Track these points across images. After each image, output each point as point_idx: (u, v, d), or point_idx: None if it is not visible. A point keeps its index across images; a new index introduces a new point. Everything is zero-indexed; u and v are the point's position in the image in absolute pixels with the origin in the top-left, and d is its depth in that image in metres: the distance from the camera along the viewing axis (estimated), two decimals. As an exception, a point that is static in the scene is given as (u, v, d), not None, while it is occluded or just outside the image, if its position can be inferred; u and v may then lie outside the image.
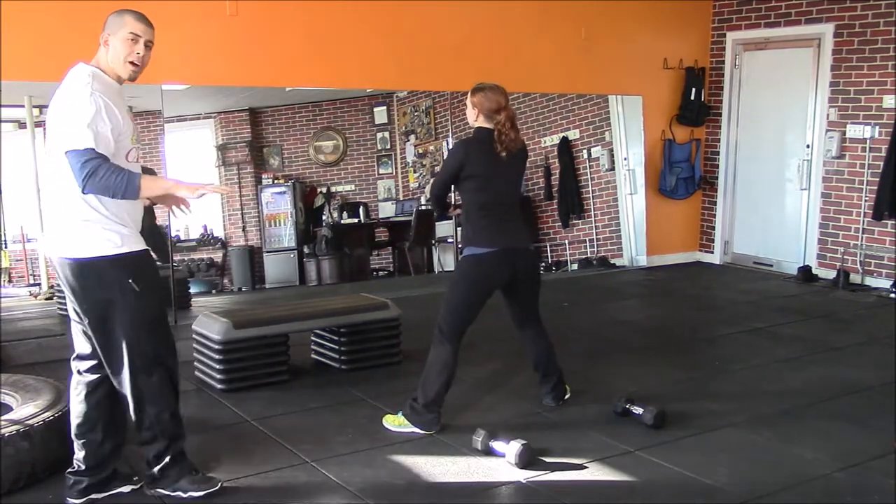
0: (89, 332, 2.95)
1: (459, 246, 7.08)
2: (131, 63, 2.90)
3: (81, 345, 3.06)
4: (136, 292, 2.87)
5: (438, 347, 3.70)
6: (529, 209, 9.59)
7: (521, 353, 4.11)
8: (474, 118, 3.76)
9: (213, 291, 10.20)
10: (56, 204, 2.91)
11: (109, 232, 2.86)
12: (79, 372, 3.07)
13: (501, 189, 3.77)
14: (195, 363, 4.54)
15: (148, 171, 3.14)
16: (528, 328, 3.98)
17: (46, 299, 7.55)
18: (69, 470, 3.04)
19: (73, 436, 3.04)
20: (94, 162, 2.71)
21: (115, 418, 3.06)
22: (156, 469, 3.05)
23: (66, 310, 6.93)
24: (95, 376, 3.03)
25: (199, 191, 2.86)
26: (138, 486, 3.13)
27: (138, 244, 2.94)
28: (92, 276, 2.86)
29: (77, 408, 3.03)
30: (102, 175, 2.71)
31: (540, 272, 4.09)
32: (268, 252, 11.32)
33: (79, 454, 3.03)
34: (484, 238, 3.72)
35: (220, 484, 3.11)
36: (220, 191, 2.98)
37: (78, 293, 2.90)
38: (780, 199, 7.75)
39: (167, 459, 3.04)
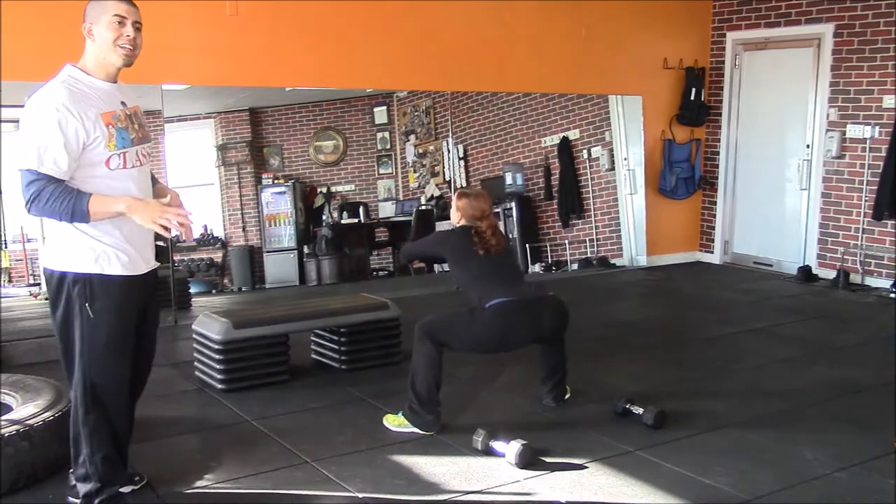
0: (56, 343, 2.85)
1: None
2: (122, 47, 2.71)
3: None
4: (89, 317, 2.71)
5: (420, 345, 3.67)
6: (529, 209, 9.60)
7: (522, 353, 4.10)
8: (457, 220, 3.94)
9: (213, 291, 10.20)
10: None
11: (88, 250, 2.71)
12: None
13: (498, 263, 3.84)
14: (195, 363, 4.54)
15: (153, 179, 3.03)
16: (550, 346, 4.02)
17: (46, 299, 7.55)
18: (70, 470, 3.01)
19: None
20: (36, 185, 2.57)
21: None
22: None
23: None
24: None
25: (159, 220, 2.63)
26: (139, 486, 3.11)
27: (117, 267, 2.74)
28: (56, 289, 2.76)
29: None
30: (46, 199, 2.57)
31: (568, 317, 3.98)
32: (268, 252, 11.32)
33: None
34: (501, 291, 3.71)
35: None
36: (184, 225, 2.67)
37: (51, 302, 2.82)
38: (780, 199, 7.75)
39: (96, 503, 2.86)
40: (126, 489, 3.05)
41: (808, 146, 7.38)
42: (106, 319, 2.73)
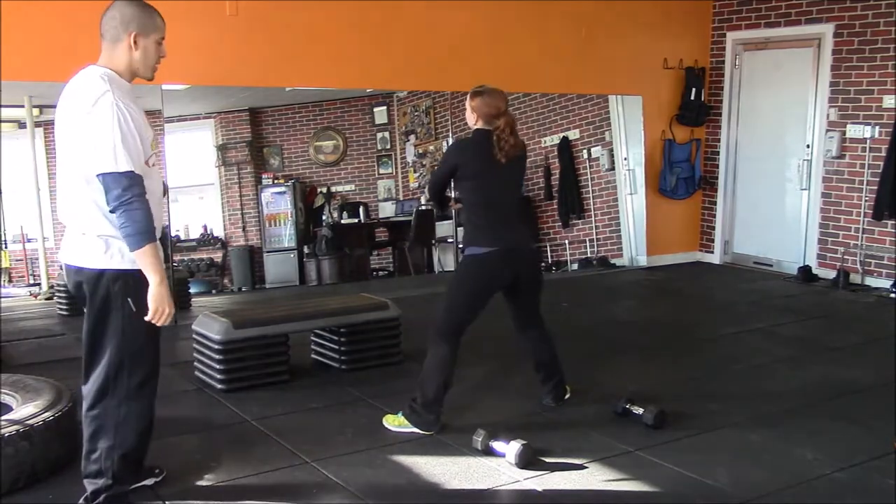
0: (83, 338, 2.86)
1: (460, 246, 7.07)
2: (155, 66, 2.83)
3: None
4: (132, 311, 2.75)
5: (436, 347, 3.69)
6: (529, 209, 9.59)
7: (522, 353, 4.10)
8: (473, 122, 3.75)
9: (213, 291, 10.20)
10: (73, 212, 2.80)
11: (123, 245, 2.73)
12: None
13: (501, 190, 3.76)
14: (195, 363, 4.54)
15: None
16: (529, 330, 3.97)
17: (46, 299, 7.55)
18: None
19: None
20: (134, 190, 2.62)
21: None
22: None
23: (66, 310, 6.96)
24: None
25: (159, 311, 2.71)
26: (160, 477, 3.15)
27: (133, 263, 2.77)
28: (93, 286, 2.77)
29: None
30: (136, 209, 2.62)
31: (542, 273, 4.07)
32: (268, 252, 11.32)
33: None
34: (485, 238, 3.71)
35: None
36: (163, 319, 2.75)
37: (85, 301, 2.83)
38: (780, 199, 7.75)
39: (101, 500, 2.83)
40: (149, 481, 3.10)
41: (808, 146, 7.38)
42: (146, 313, 2.75)
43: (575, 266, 8.95)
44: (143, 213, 2.64)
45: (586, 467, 3.31)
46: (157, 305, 2.71)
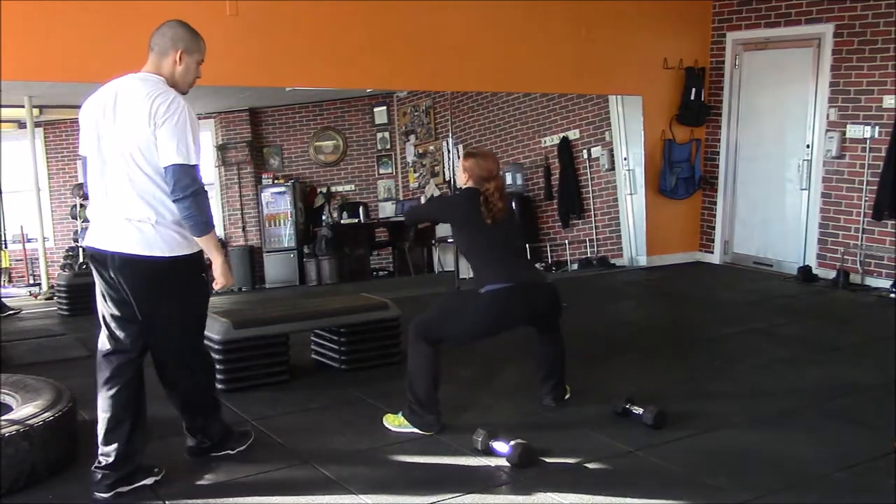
0: (141, 328, 3.08)
1: (461, 281, 7.06)
2: (192, 84, 3.19)
3: (116, 340, 3.07)
4: (198, 291, 3.19)
5: (417, 346, 3.65)
6: (529, 209, 9.60)
7: (522, 352, 4.10)
8: (464, 181, 3.86)
9: (213, 291, 10.18)
10: (118, 201, 3.00)
11: (179, 236, 3.03)
12: (111, 367, 3.05)
13: (501, 233, 3.78)
14: (195, 363, 4.53)
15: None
16: (545, 333, 3.98)
17: (46, 299, 7.56)
18: (95, 465, 3.04)
19: (101, 431, 3.03)
20: (201, 182, 2.99)
21: (143, 413, 3.11)
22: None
23: (66, 310, 6.96)
24: (129, 372, 3.06)
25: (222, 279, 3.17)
26: (160, 476, 3.17)
27: (192, 247, 3.09)
28: (151, 273, 3.00)
29: (106, 403, 3.04)
30: (203, 199, 2.98)
31: (560, 307, 3.97)
32: (268, 252, 11.33)
33: (106, 448, 3.03)
34: (496, 274, 3.68)
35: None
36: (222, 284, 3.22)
37: (133, 289, 3.01)
38: (780, 199, 7.75)
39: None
40: (149, 481, 3.13)
41: (808, 146, 7.38)
42: (206, 291, 3.25)
43: (575, 266, 8.95)
44: (208, 203, 3.03)
45: (586, 467, 3.31)
46: (223, 278, 3.15)
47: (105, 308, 3.10)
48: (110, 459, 3.02)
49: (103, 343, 3.10)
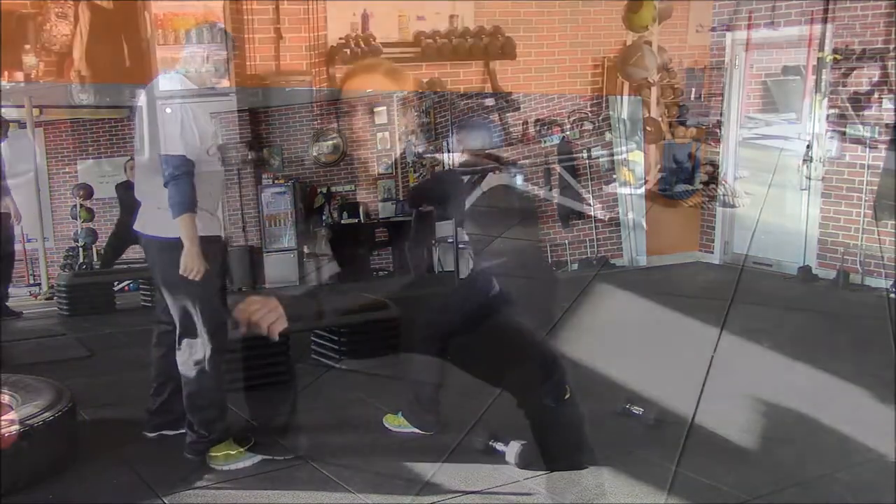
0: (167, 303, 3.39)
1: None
2: None
3: (163, 310, 3.48)
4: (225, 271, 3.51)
5: (419, 347, 3.67)
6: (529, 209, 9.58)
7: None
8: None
9: (213, 291, 10.17)
10: (148, 189, 3.36)
11: (206, 216, 3.32)
12: (160, 332, 3.54)
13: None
14: (195, 363, 4.53)
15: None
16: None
17: (46, 299, 7.55)
18: (148, 407, 3.56)
19: (153, 384, 3.56)
20: (183, 169, 3.19)
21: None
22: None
23: (66, 310, 6.97)
24: (173, 337, 3.44)
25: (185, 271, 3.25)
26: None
27: (208, 230, 3.32)
28: (166, 254, 3.25)
29: (157, 361, 3.56)
30: (183, 184, 3.20)
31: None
32: (267, 252, 11.31)
33: (156, 400, 3.55)
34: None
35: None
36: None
37: (157, 268, 3.37)
38: (780, 199, 7.74)
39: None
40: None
41: (808, 146, 7.37)
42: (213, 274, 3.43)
43: (575, 266, 8.94)
44: (190, 190, 3.21)
45: (586, 467, 3.31)
46: (190, 263, 3.25)
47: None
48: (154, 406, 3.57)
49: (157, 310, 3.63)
